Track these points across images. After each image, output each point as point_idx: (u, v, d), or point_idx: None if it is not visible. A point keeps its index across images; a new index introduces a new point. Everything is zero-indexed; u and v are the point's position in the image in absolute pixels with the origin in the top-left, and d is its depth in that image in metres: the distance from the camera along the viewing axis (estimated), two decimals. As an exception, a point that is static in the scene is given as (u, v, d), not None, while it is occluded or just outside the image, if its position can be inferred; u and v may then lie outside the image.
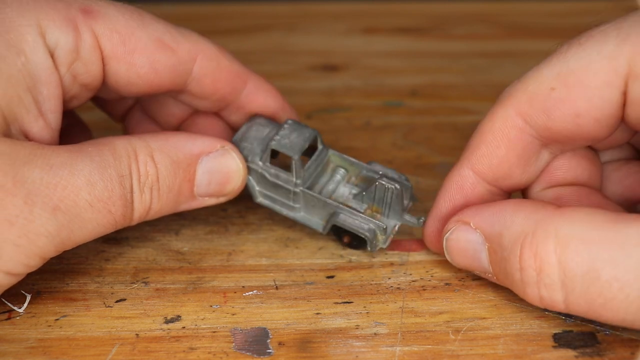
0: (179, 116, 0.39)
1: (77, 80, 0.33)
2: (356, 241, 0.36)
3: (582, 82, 0.30)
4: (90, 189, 0.31)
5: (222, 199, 0.36)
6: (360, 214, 0.35)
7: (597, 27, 0.30)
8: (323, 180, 0.37)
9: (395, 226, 0.36)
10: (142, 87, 0.35)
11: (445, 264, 0.36)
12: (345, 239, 0.36)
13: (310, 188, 0.36)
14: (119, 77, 0.34)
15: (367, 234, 0.35)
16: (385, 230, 0.35)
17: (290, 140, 0.36)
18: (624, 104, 0.30)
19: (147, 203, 0.33)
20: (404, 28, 0.66)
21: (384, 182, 0.35)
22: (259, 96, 0.38)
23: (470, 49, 0.60)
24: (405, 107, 0.52)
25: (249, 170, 0.36)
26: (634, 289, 0.27)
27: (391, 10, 0.70)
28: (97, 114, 0.49)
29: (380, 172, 0.36)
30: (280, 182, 0.36)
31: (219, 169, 0.35)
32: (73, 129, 0.40)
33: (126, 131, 0.41)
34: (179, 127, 0.40)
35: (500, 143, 0.33)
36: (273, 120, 0.38)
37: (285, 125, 0.36)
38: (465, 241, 0.32)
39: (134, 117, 0.40)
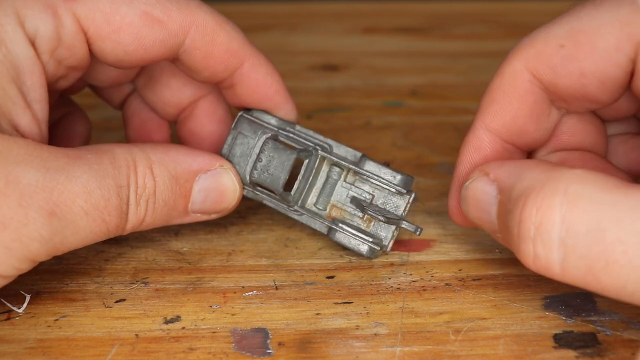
0: (176, 105, 0.39)
1: (62, 64, 0.33)
2: None
3: (592, 42, 0.30)
4: (87, 197, 0.30)
5: (213, 216, 0.36)
6: (358, 229, 0.35)
7: None
8: (319, 182, 0.36)
9: (395, 231, 0.36)
10: (133, 63, 0.34)
11: (445, 264, 0.36)
12: None
13: (305, 197, 0.36)
14: (106, 55, 0.33)
15: (364, 254, 0.35)
16: (383, 245, 0.35)
17: (270, 173, 0.35)
18: (632, 73, 0.30)
19: (142, 215, 0.32)
20: (404, 28, 0.66)
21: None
22: (252, 78, 0.36)
23: (470, 49, 0.60)
24: (405, 107, 0.52)
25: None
26: (638, 254, 0.26)
27: (391, 10, 0.70)
28: (97, 114, 0.49)
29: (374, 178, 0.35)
30: (272, 205, 0.36)
31: (216, 188, 0.35)
32: (71, 117, 0.40)
33: (124, 118, 0.41)
34: (178, 116, 0.39)
35: (511, 98, 0.32)
36: (257, 122, 0.36)
37: (265, 149, 0.35)
38: (482, 192, 0.31)
39: (132, 104, 0.40)
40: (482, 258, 0.36)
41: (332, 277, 0.35)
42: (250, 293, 0.34)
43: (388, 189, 0.35)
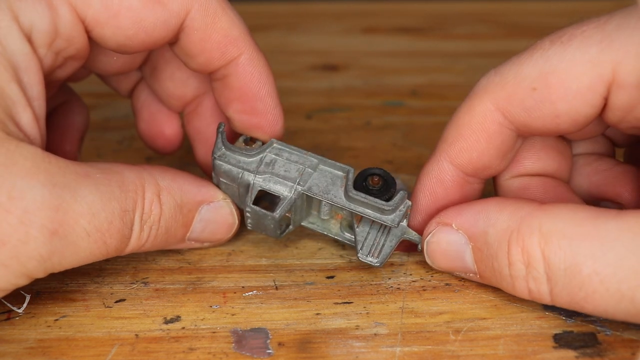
0: (180, 98, 0.39)
1: (60, 55, 0.32)
2: None
3: (564, 84, 0.30)
4: (90, 218, 0.29)
5: (206, 245, 0.36)
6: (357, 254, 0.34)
7: (580, 26, 0.30)
8: (315, 203, 0.35)
9: (394, 245, 0.35)
10: (135, 47, 0.33)
11: (445, 264, 0.36)
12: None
13: (307, 215, 0.36)
14: (107, 41, 0.32)
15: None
16: (380, 263, 0.34)
17: (263, 225, 0.34)
18: (604, 107, 0.30)
19: (143, 240, 0.32)
20: (404, 28, 0.66)
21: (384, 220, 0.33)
22: (248, 72, 0.35)
23: (470, 49, 0.60)
24: (405, 107, 0.52)
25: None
26: (614, 282, 0.27)
27: (391, 10, 0.70)
28: (97, 114, 0.49)
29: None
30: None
31: (216, 220, 0.35)
32: (68, 106, 0.39)
33: (134, 110, 0.40)
34: (183, 108, 0.39)
35: (479, 137, 0.33)
36: (233, 169, 0.35)
37: (249, 214, 0.34)
38: (447, 242, 0.33)
39: (141, 95, 0.40)
40: (482, 258, 0.36)
41: (332, 277, 0.35)
42: (250, 293, 0.34)
43: (380, 218, 0.33)
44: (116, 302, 0.33)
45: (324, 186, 0.34)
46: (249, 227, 0.35)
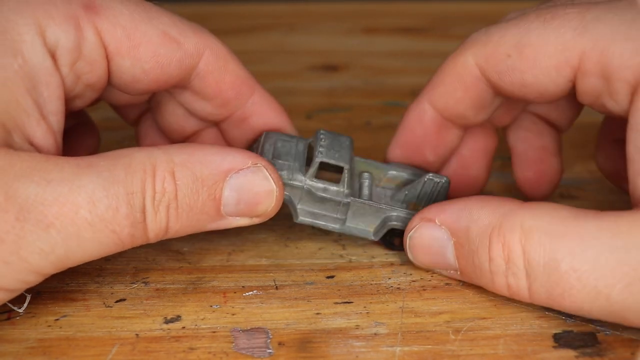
0: (180, 133, 0.38)
1: (80, 80, 0.32)
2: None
3: (535, 58, 0.32)
4: (91, 207, 0.29)
5: (255, 220, 0.33)
6: (412, 213, 0.35)
7: (565, 7, 0.32)
8: (355, 187, 0.36)
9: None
10: (148, 84, 0.34)
11: (445, 264, 0.36)
12: (397, 241, 0.37)
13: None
14: (124, 73, 0.33)
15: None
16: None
17: (336, 151, 0.35)
18: (572, 88, 0.32)
19: (164, 222, 0.31)
20: (404, 28, 0.66)
21: (432, 177, 0.35)
22: (265, 109, 0.37)
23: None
24: (405, 107, 0.52)
25: (289, 188, 0.35)
26: (591, 279, 0.28)
27: (391, 10, 0.70)
28: (97, 114, 0.49)
29: (411, 172, 0.37)
30: (328, 196, 0.35)
31: (249, 188, 0.32)
32: (79, 129, 0.39)
33: (137, 137, 0.40)
34: (184, 141, 0.39)
35: (457, 86, 0.35)
36: (289, 134, 0.37)
37: (321, 136, 0.35)
38: (430, 238, 0.33)
39: (145, 124, 0.40)
40: (482, 258, 0.36)
41: (332, 277, 0.35)
42: (251, 293, 0.34)
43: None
44: (116, 301, 0.33)
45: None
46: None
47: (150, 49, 0.33)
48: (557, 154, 0.39)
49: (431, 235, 0.33)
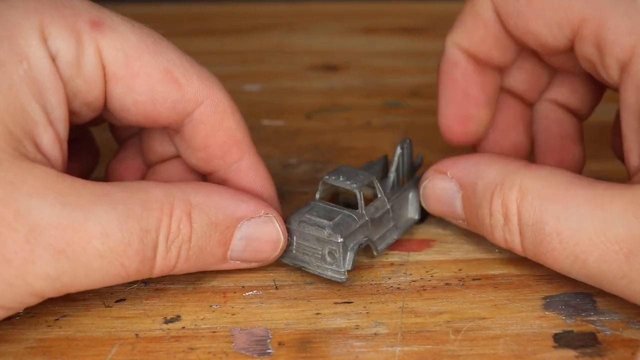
0: (159, 157, 0.37)
1: (77, 98, 0.31)
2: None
3: (541, 7, 0.32)
4: (104, 239, 0.28)
5: (254, 265, 0.34)
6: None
7: None
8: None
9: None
10: (136, 117, 0.32)
11: (445, 263, 0.36)
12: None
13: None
14: (114, 99, 0.32)
15: None
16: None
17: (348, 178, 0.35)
18: (571, 48, 0.33)
19: (172, 261, 0.31)
20: (404, 28, 0.66)
21: (399, 147, 0.37)
22: (249, 178, 0.34)
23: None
24: (405, 107, 0.52)
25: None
26: (571, 244, 0.29)
27: (391, 10, 0.70)
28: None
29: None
30: (380, 212, 0.35)
31: (258, 237, 0.33)
32: (77, 145, 0.38)
33: (119, 147, 0.39)
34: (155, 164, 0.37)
35: (479, 25, 0.35)
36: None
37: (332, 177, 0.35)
38: (442, 188, 0.35)
39: (130, 144, 0.38)
40: (482, 258, 0.36)
41: (332, 276, 0.35)
42: (250, 293, 0.34)
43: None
44: (116, 301, 0.33)
45: None
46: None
47: (147, 82, 0.31)
48: (579, 141, 0.39)
49: (442, 186, 0.35)
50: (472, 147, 0.39)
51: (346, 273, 0.33)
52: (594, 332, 0.31)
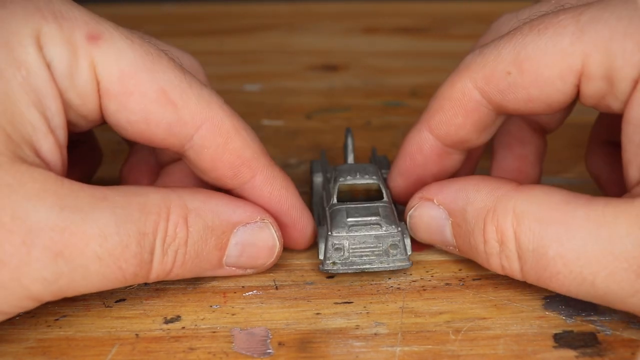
0: (161, 159, 0.37)
1: (72, 109, 0.30)
2: None
3: (537, 71, 0.31)
4: (101, 242, 0.28)
5: (249, 272, 0.34)
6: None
7: (557, 15, 0.31)
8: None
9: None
10: (133, 136, 0.31)
11: (445, 264, 0.36)
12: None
13: None
14: (108, 115, 0.31)
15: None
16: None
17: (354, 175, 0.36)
18: (577, 93, 0.31)
19: (169, 265, 0.31)
20: (404, 28, 0.66)
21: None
22: (265, 192, 0.34)
23: (470, 49, 0.60)
24: (405, 107, 0.52)
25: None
26: (576, 266, 0.29)
27: (391, 10, 0.70)
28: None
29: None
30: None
31: (254, 243, 0.33)
32: (80, 149, 0.37)
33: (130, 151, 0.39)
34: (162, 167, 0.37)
35: (457, 112, 0.34)
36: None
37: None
38: (429, 217, 0.34)
39: (141, 145, 0.38)
40: (482, 258, 0.36)
41: (332, 277, 0.35)
42: (250, 293, 0.34)
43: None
44: (116, 301, 0.33)
45: None
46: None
47: (141, 101, 0.30)
48: (537, 164, 0.39)
49: (429, 214, 0.34)
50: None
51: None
52: (594, 332, 0.31)
